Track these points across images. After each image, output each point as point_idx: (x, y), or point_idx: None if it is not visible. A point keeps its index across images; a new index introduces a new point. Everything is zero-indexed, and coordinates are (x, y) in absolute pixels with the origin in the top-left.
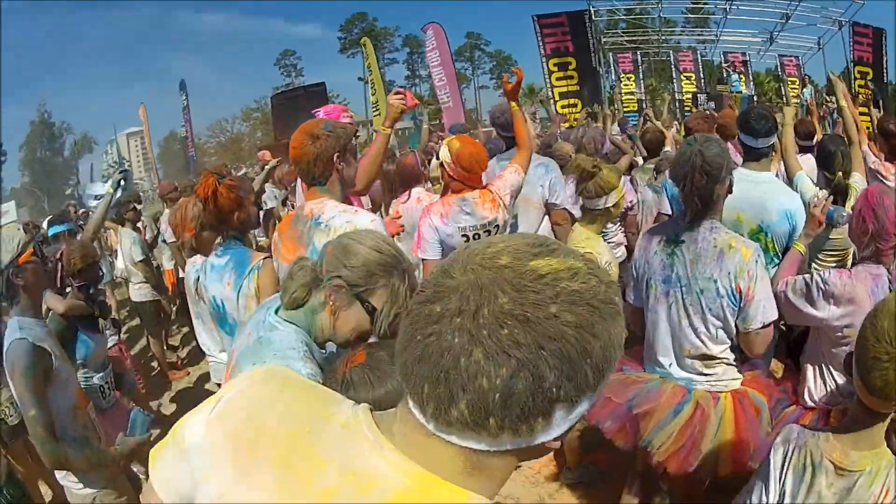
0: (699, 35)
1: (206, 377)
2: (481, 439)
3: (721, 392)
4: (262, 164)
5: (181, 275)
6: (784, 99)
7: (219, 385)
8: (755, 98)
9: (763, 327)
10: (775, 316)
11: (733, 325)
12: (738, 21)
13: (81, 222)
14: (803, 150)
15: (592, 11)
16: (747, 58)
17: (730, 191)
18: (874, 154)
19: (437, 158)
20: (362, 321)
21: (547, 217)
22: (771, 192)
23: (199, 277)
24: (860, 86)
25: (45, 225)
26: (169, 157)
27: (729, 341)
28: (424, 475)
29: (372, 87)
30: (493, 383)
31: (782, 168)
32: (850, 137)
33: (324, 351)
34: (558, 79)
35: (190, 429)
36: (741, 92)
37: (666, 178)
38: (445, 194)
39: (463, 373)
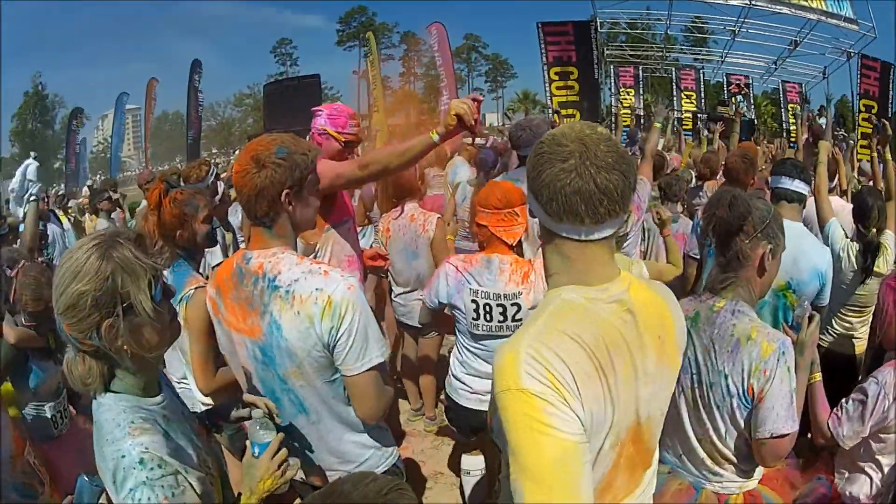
0: (701, 54)
1: None
2: (616, 223)
3: (731, 494)
4: None
5: None
6: (783, 126)
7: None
8: (755, 122)
9: (773, 437)
10: (792, 429)
11: (743, 426)
12: (744, 44)
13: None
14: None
15: (598, 22)
16: (750, 81)
17: (763, 266)
18: None
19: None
20: (145, 327)
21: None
22: (804, 247)
23: None
24: (864, 119)
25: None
26: (160, 138)
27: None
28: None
29: (372, 84)
30: (615, 185)
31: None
32: (888, 192)
33: (159, 403)
34: (558, 88)
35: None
36: (744, 116)
37: (696, 217)
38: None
39: (602, 184)
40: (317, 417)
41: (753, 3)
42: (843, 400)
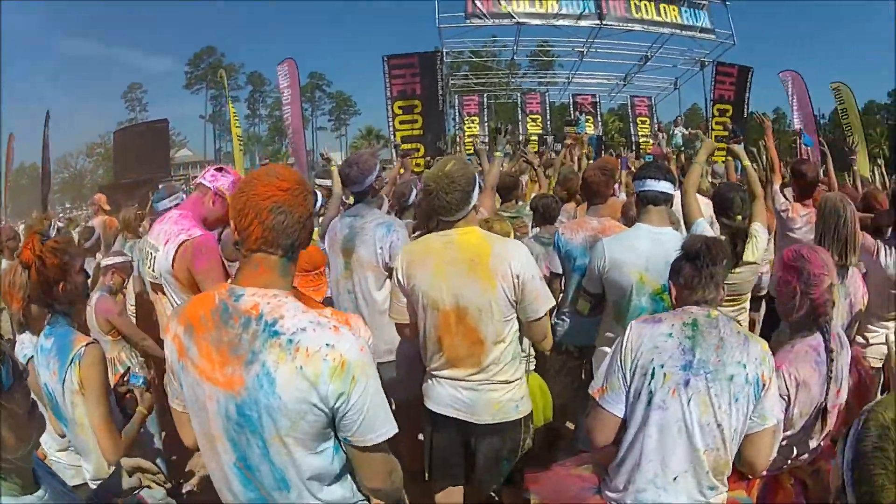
0: (546, 77)
1: None
2: (461, 214)
3: None
4: (94, 210)
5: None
6: (630, 140)
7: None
8: (603, 139)
9: (776, 425)
10: (781, 416)
11: (747, 422)
12: (593, 63)
13: None
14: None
15: (444, 53)
16: (597, 99)
17: (711, 289)
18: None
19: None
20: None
21: (388, 280)
22: (674, 250)
23: (32, 358)
24: (717, 123)
25: None
26: (17, 193)
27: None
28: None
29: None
30: (456, 200)
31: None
32: (753, 192)
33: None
34: (402, 122)
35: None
36: (587, 132)
37: (558, 233)
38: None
39: (449, 200)
40: (297, 495)
41: (604, 23)
42: None
